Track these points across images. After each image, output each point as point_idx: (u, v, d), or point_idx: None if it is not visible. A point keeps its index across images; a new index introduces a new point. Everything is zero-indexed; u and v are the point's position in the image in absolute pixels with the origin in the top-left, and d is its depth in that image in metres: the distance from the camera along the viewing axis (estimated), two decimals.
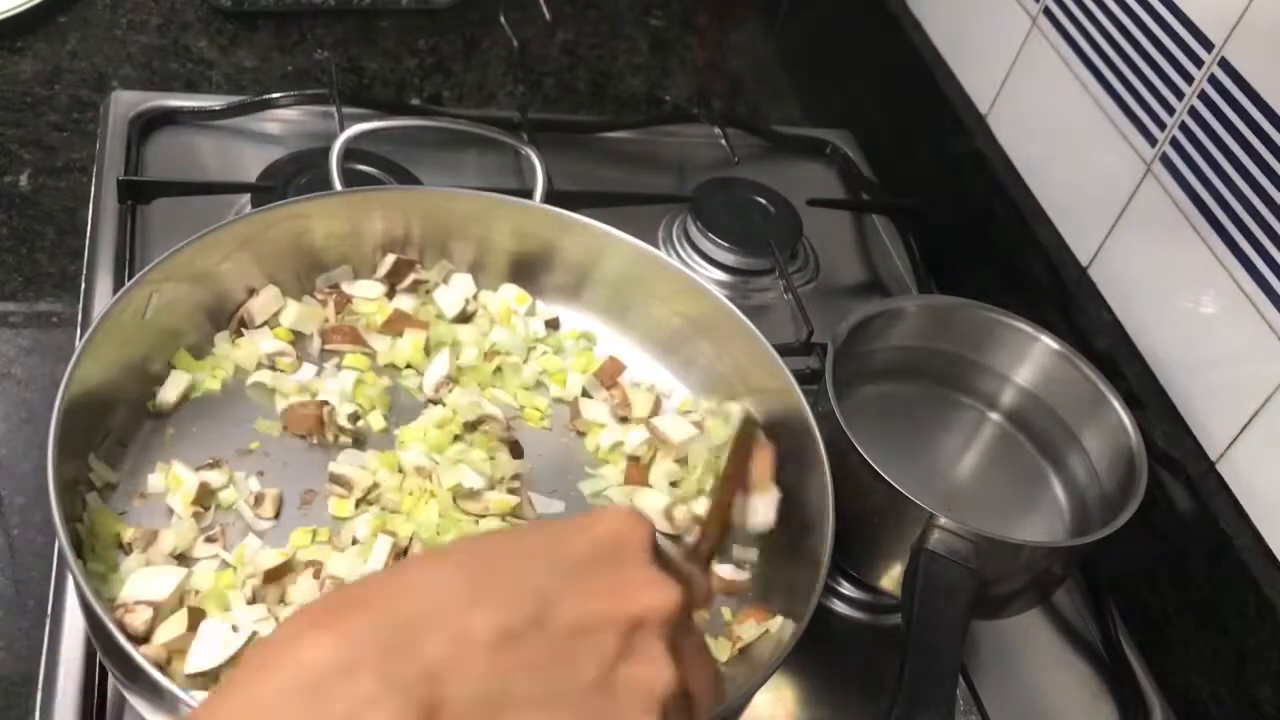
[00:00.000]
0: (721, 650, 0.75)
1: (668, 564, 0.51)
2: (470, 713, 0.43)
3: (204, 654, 0.66)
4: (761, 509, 0.77)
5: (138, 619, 0.66)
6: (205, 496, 0.74)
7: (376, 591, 0.46)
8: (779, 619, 0.75)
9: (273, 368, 0.83)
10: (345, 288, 0.87)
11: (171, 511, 0.74)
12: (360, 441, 0.81)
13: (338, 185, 0.91)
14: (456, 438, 0.81)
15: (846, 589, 0.87)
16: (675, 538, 0.80)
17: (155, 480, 0.75)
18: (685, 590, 0.49)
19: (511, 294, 0.90)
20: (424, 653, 0.43)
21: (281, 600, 0.71)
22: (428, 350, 0.86)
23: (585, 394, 0.87)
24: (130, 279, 0.76)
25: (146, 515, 0.74)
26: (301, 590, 0.71)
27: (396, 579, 0.47)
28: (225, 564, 0.72)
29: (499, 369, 0.87)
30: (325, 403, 0.80)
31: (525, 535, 0.52)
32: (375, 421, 0.82)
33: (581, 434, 0.86)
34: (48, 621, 0.73)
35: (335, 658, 0.42)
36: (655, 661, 0.47)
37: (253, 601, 0.70)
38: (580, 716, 0.45)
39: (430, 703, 0.42)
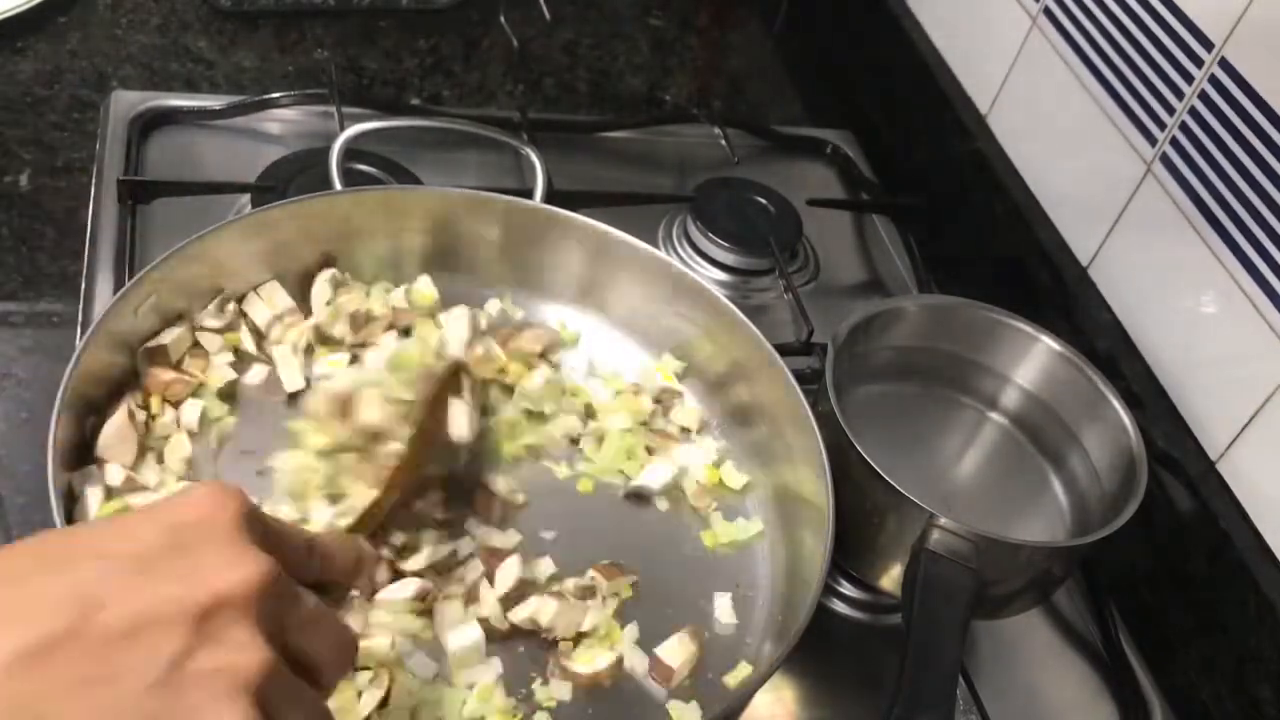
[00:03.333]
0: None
1: (280, 539, 0.47)
2: None
3: None
4: (457, 419, 0.76)
5: None
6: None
7: None
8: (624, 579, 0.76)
9: None
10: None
11: None
12: None
13: (338, 185, 0.91)
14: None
15: (846, 589, 0.87)
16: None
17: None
18: (301, 569, 0.46)
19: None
20: None
21: None
22: None
23: None
24: (130, 279, 0.76)
25: None
26: None
27: None
28: None
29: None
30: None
31: (79, 532, 0.46)
32: None
33: None
34: None
35: None
36: (236, 646, 0.42)
37: None
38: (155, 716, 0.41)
39: None
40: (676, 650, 0.74)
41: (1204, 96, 0.87)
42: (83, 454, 0.73)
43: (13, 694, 0.39)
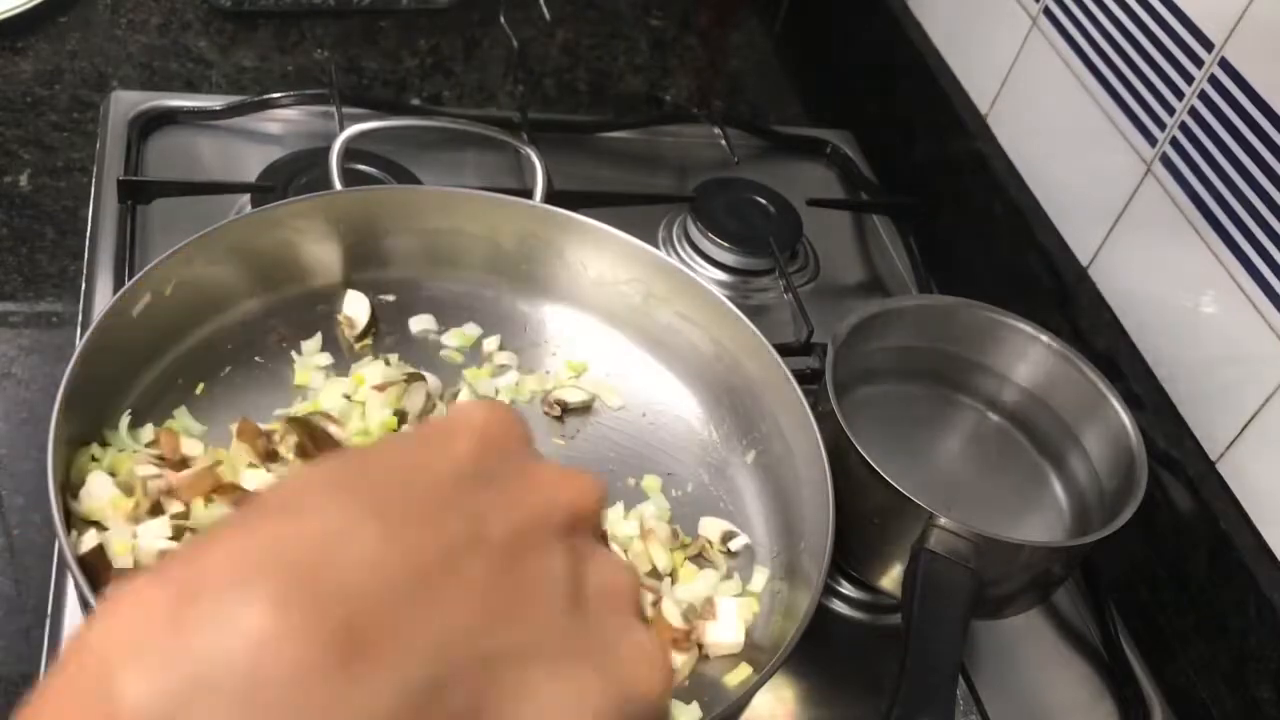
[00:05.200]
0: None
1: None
2: (443, 701, 0.31)
3: None
4: None
5: None
6: None
7: (243, 543, 0.31)
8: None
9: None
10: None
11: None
12: None
13: (338, 185, 0.91)
14: None
15: (846, 589, 0.87)
16: None
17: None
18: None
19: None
20: (336, 626, 0.29)
21: None
22: None
23: None
24: (130, 279, 0.76)
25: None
26: None
27: (267, 525, 0.32)
28: None
29: None
30: None
31: (392, 451, 0.38)
32: None
33: None
34: (48, 621, 0.73)
35: (175, 682, 0.29)
36: (613, 564, 0.38)
37: None
38: (580, 655, 0.35)
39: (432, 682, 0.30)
40: (674, 653, 0.74)
41: (1204, 96, 0.87)
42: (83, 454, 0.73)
43: (436, 614, 0.31)
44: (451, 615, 0.32)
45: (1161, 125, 0.91)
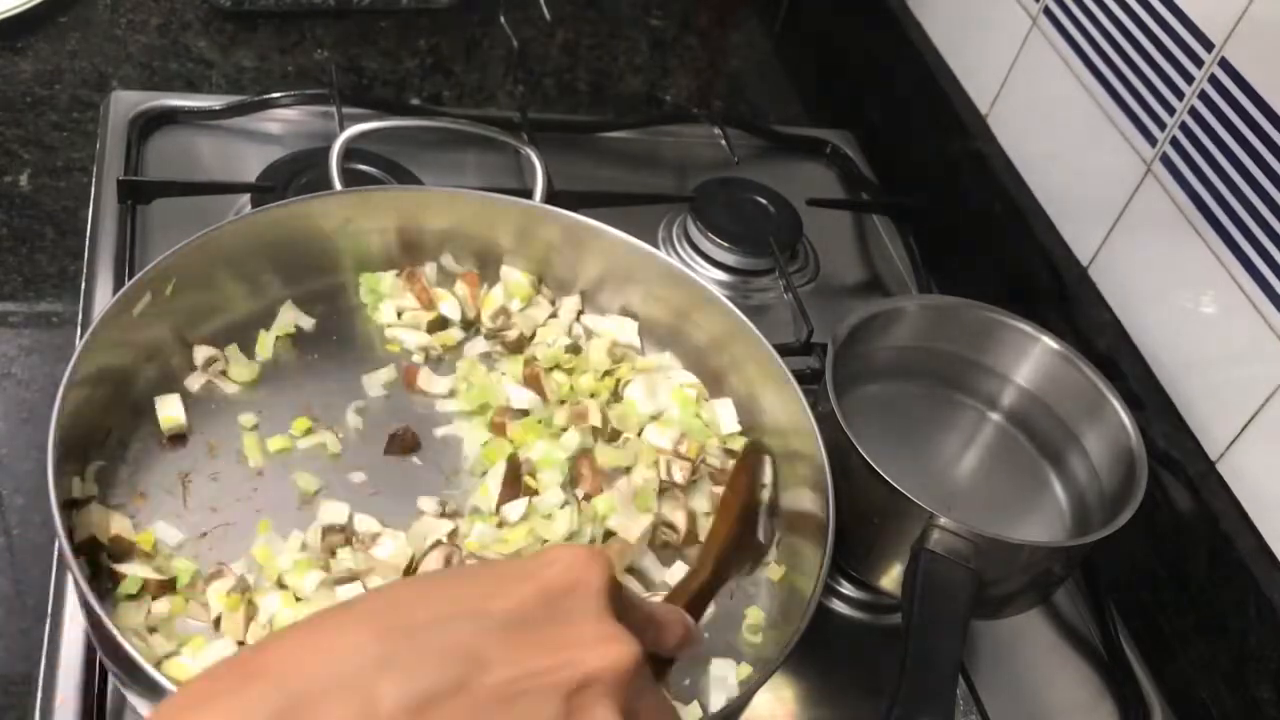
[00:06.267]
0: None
1: (630, 610, 0.47)
2: None
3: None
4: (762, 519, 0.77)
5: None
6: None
7: (278, 655, 0.41)
8: None
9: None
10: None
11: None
12: None
13: (338, 185, 0.91)
14: None
15: (846, 589, 0.87)
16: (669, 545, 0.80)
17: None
18: (645, 644, 0.45)
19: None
20: None
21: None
22: None
23: None
24: (130, 279, 0.76)
25: (146, 514, 0.74)
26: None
27: (302, 640, 0.42)
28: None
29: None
30: None
31: (459, 581, 0.45)
32: None
33: None
34: (48, 621, 0.73)
35: None
36: None
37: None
38: None
39: None
40: None
41: (1204, 96, 0.87)
42: (83, 454, 0.73)
43: None
44: None
45: (1161, 125, 0.91)
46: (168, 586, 0.70)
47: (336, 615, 0.43)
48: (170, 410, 0.78)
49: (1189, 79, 0.89)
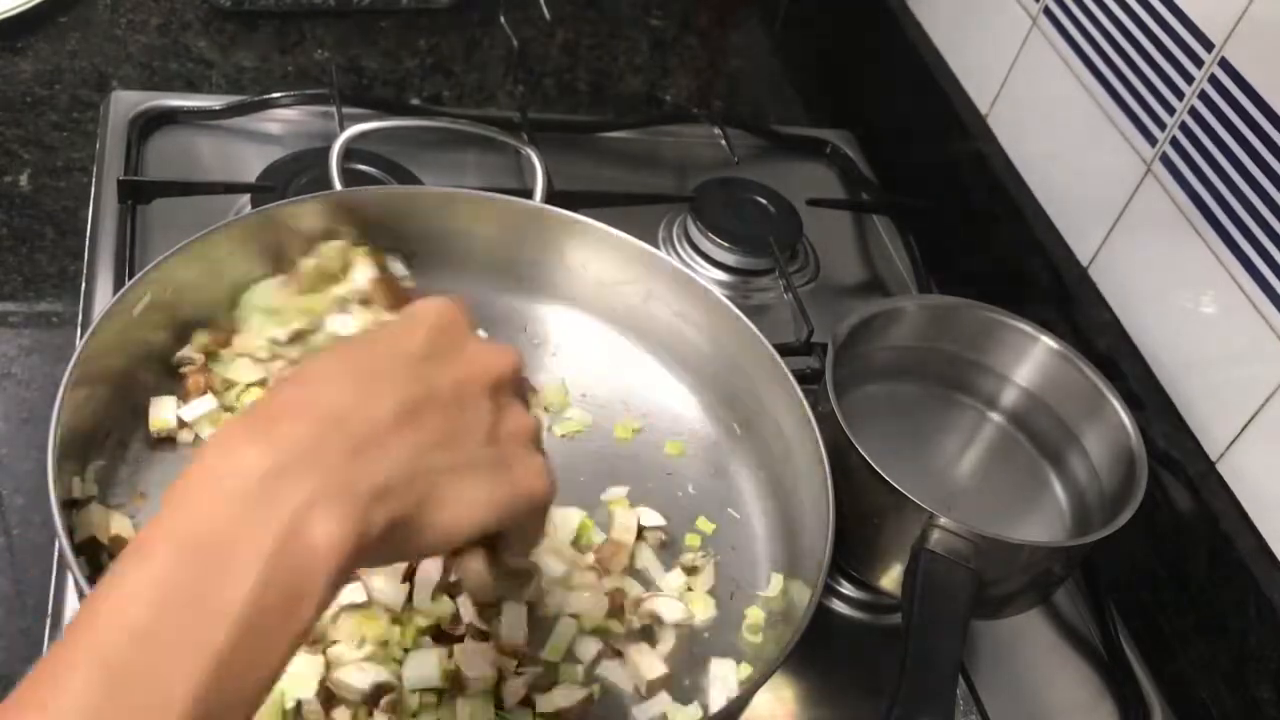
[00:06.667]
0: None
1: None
2: (404, 491, 0.49)
3: None
4: None
5: None
6: None
7: (291, 401, 0.51)
8: None
9: None
10: None
11: None
12: None
13: (338, 185, 0.91)
14: None
15: (846, 589, 0.87)
16: None
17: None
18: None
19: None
20: (347, 444, 0.48)
21: None
22: None
23: None
24: (130, 279, 0.76)
25: (146, 514, 0.73)
26: None
27: (303, 390, 0.52)
28: None
29: None
30: None
31: (375, 341, 0.57)
32: None
33: None
34: (48, 621, 0.73)
35: (271, 465, 0.47)
36: (522, 413, 0.57)
37: None
38: (491, 470, 0.54)
39: (367, 491, 0.48)
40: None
41: (1204, 96, 0.87)
42: (83, 454, 0.73)
43: (410, 444, 0.50)
44: (414, 441, 0.51)
45: (1161, 125, 0.91)
46: None
47: (315, 370, 0.54)
48: (162, 413, 0.77)
49: (1189, 79, 0.89)
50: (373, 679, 0.67)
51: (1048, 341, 0.88)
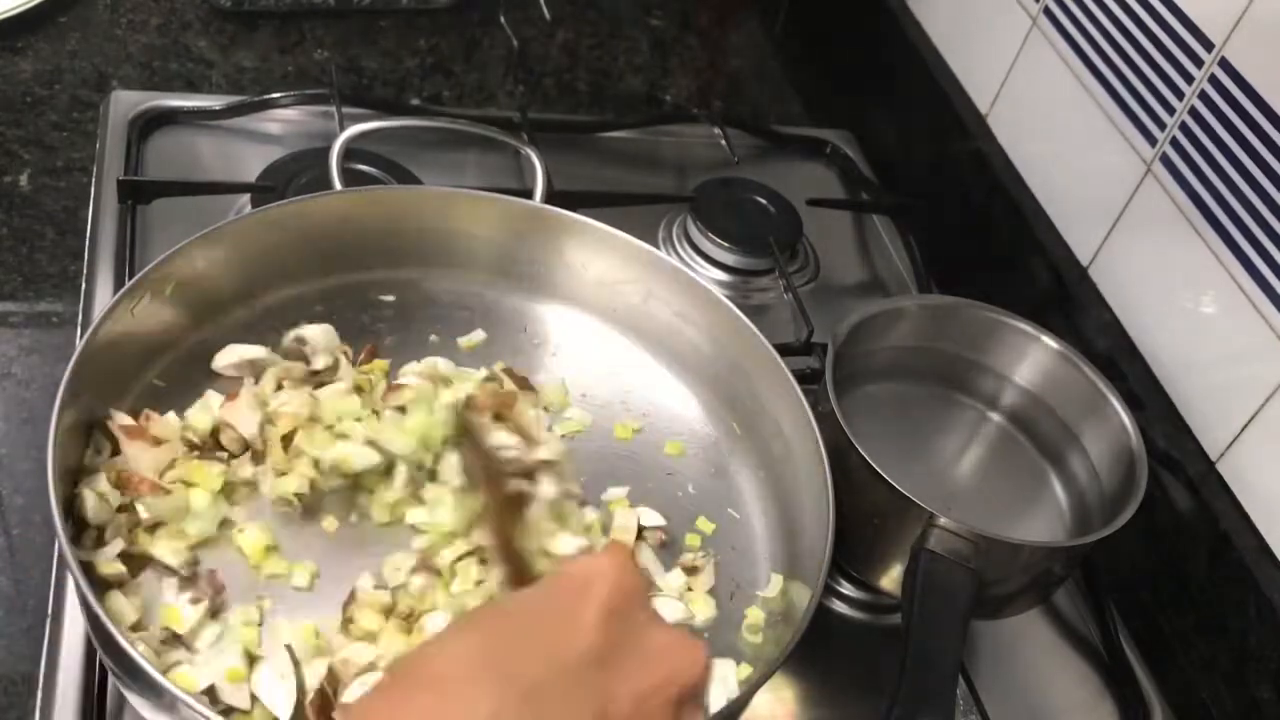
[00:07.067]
0: None
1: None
2: None
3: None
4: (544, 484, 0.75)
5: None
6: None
7: (422, 712, 0.41)
8: None
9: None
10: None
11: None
12: None
13: (338, 185, 0.91)
14: None
15: (846, 589, 0.87)
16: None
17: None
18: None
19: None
20: None
21: None
22: None
23: None
24: (130, 279, 0.76)
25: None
26: None
27: (435, 699, 0.41)
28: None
29: None
30: None
31: (531, 619, 0.45)
32: None
33: None
34: (48, 621, 0.73)
35: None
36: None
37: None
38: None
39: None
40: None
41: (1204, 96, 0.87)
42: (83, 454, 0.73)
43: None
44: None
45: (1161, 125, 0.91)
46: None
47: (445, 682, 0.42)
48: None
49: (1189, 79, 0.89)
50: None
51: (1048, 341, 0.88)
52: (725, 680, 0.74)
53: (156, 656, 0.66)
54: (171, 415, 0.76)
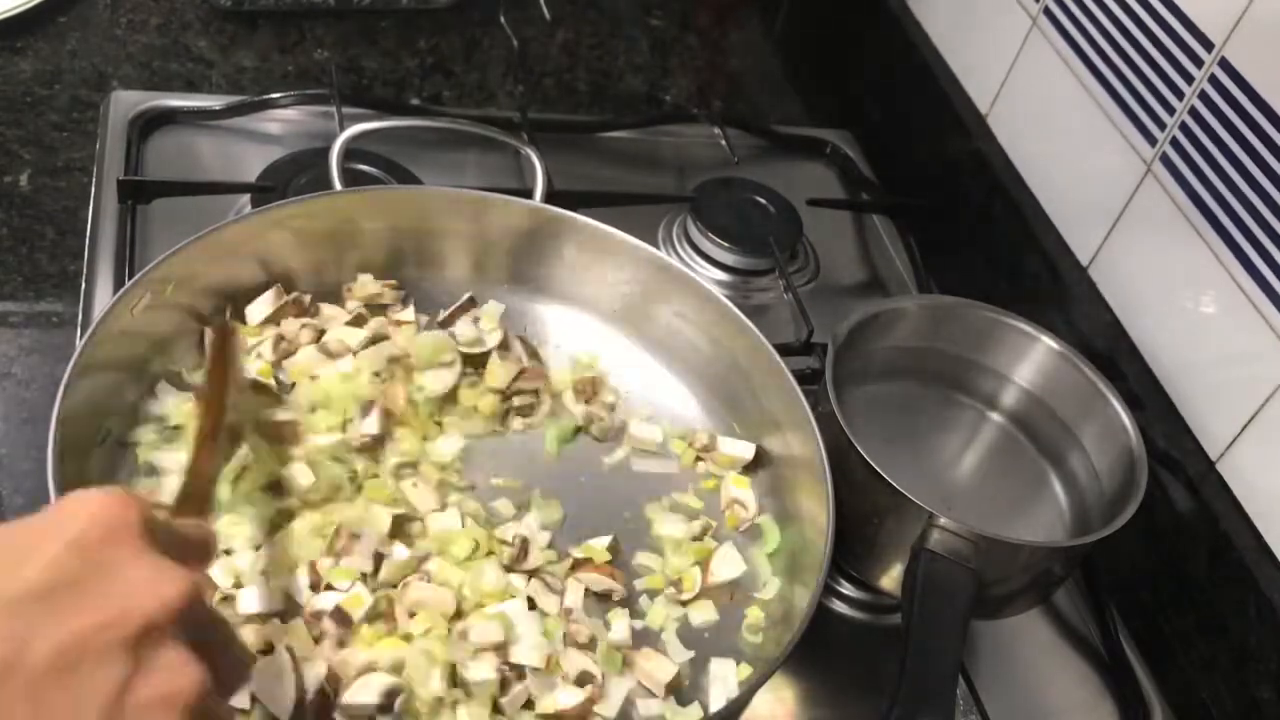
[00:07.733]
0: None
1: (172, 539, 0.44)
2: None
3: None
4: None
5: None
6: None
7: None
8: None
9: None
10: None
11: None
12: None
13: (338, 185, 0.91)
14: None
15: (846, 589, 0.87)
16: None
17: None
18: (197, 565, 0.44)
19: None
20: None
21: None
22: None
23: None
24: (130, 279, 0.76)
25: None
26: None
27: None
28: None
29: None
30: None
31: None
32: None
33: None
34: None
35: None
36: (175, 669, 0.41)
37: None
38: None
39: None
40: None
41: (1204, 96, 0.87)
42: (83, 454, 0.73)
43: None
44: None
45: (1161, 125, 0.91)
46: None
47: None
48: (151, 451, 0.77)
49: (1189, 79, 0.89)
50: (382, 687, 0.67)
51: (1048, 341, 0.89)
52: (725, 680, 0.74)
53: None
54: None
